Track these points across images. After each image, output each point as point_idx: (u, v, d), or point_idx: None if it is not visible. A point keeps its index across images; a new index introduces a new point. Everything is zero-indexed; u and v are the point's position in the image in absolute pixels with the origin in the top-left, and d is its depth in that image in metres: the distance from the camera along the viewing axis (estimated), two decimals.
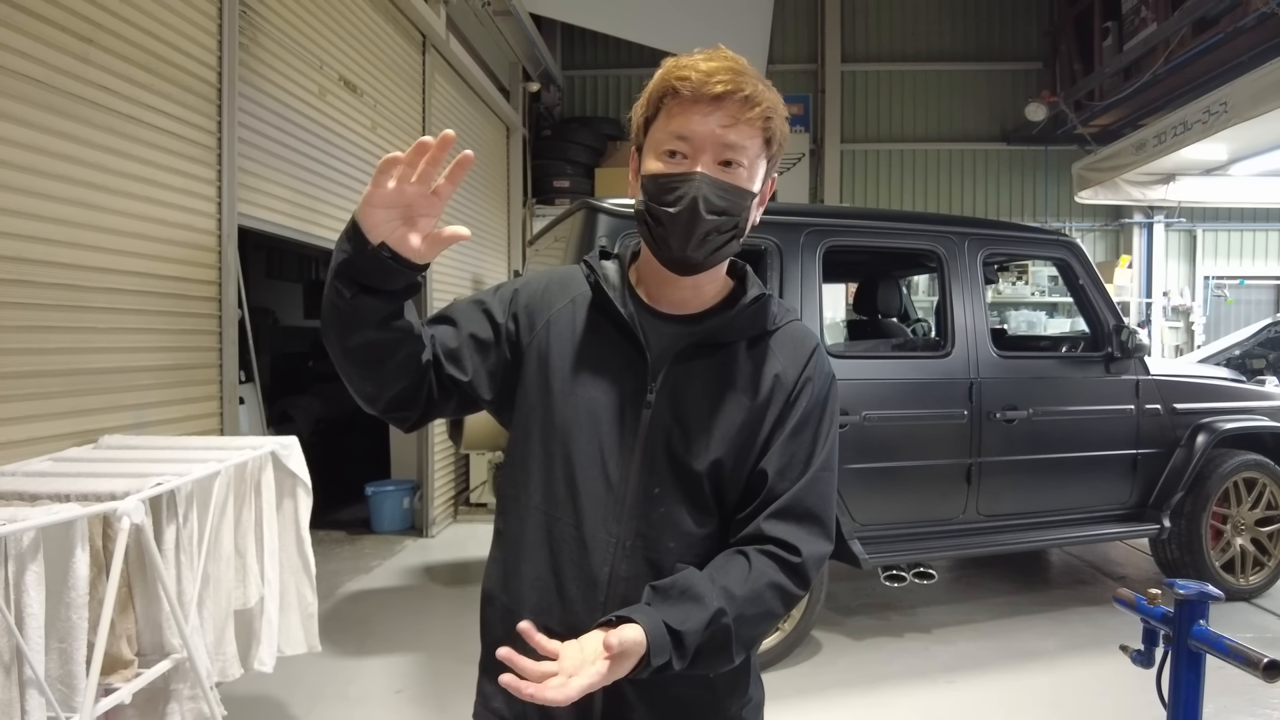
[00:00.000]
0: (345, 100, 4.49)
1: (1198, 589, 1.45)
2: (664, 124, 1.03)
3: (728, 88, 0.99)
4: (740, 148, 1.02)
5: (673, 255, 1.04)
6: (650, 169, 1.04)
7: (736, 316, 1.08)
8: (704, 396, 1.07)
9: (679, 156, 1.02)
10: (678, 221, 1.01)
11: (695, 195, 1.00)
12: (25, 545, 1.55)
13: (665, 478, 1.05)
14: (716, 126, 1.00)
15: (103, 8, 2.66)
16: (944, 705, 3.14)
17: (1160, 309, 9.30)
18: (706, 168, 1.01)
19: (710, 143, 1.01)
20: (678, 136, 1.01)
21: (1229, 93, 5.66)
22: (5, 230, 2.31)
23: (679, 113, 1.01)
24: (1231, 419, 4.15)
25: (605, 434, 1.06)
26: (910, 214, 6.59)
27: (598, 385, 1.07)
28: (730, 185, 1.02)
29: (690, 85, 0.99)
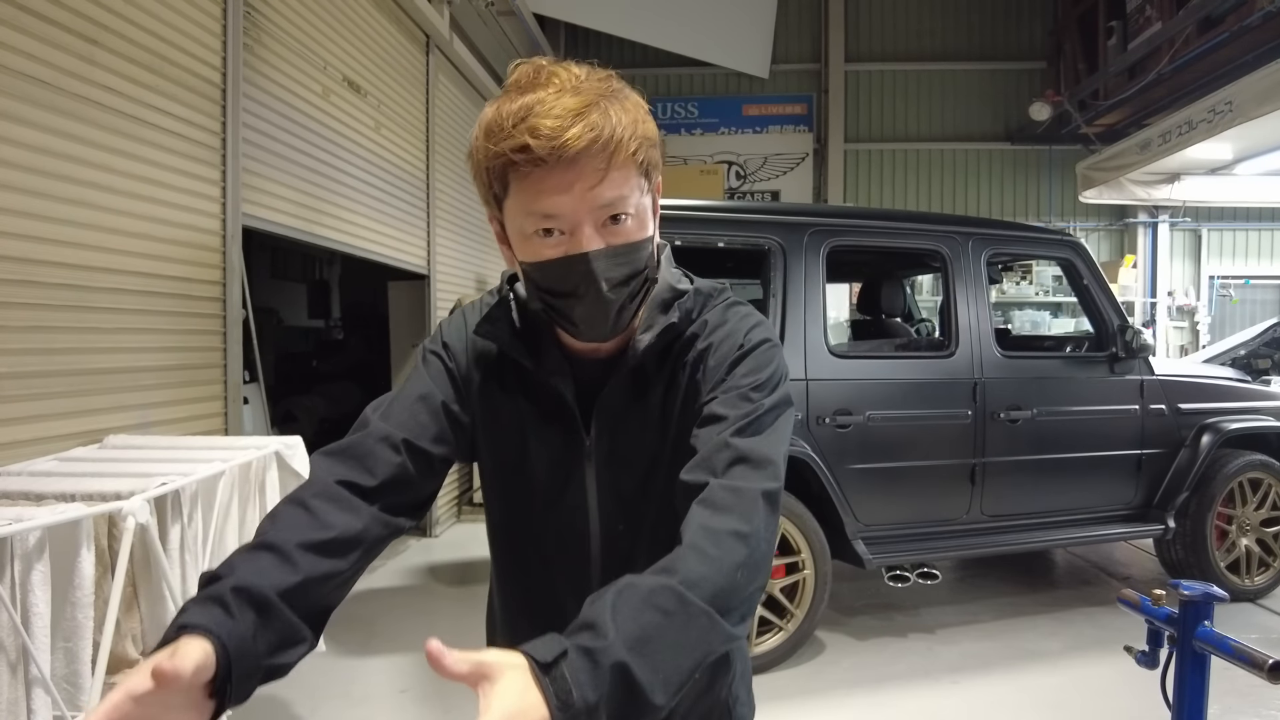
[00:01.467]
0: (349, 101, 4.50)
1: (1202, 590, 1.45)
2: (520, 203, 0.85)
3: (584, 141, 0.80)
4: (620, 200, 0.85)
5: (593, 336, 0.92)
6: (527, 255, 0.89)
7: (654, 340, 0.94)
8: (642, 425, 0.97)
9: (556, 234, 0.85)
10: (582, 310, 0.88)
11: (592, 278, 0.85)
12: (31, 545, 1.56)
13: (624, 516, 0.99)
14: (584, 190, 0.83)
15: (107, 9, 2.67)
16: (948, 706, 3.14)
17: (1165, 309, 9.28)
18: (593, 239, 0.85)
19: (585, 210, 0.84)
20: (544, 215, 0.84)
21: (1234, 92, 5.64)
22: (10, 231, 2.31)
23: (534, 189, 0.83)
24: (1237, 419, 4.13)
25: (556, 493, 0.99)
26: (914, 214, 6.58)
27: (533, 449, 0.99)
28: (624, 246, 0.87)
29: (534, 156, 0.80)
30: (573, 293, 0.87)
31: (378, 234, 4.86)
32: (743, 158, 9.70)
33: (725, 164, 9.59)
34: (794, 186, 9.61)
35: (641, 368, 0.96)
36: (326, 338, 9.41)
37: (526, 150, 0.80)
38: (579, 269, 0.85)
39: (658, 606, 0.69)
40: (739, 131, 9.70)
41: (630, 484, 0.98)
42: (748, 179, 9.69)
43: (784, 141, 9.67)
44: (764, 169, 9.67)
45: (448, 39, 5.90)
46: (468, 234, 6.66)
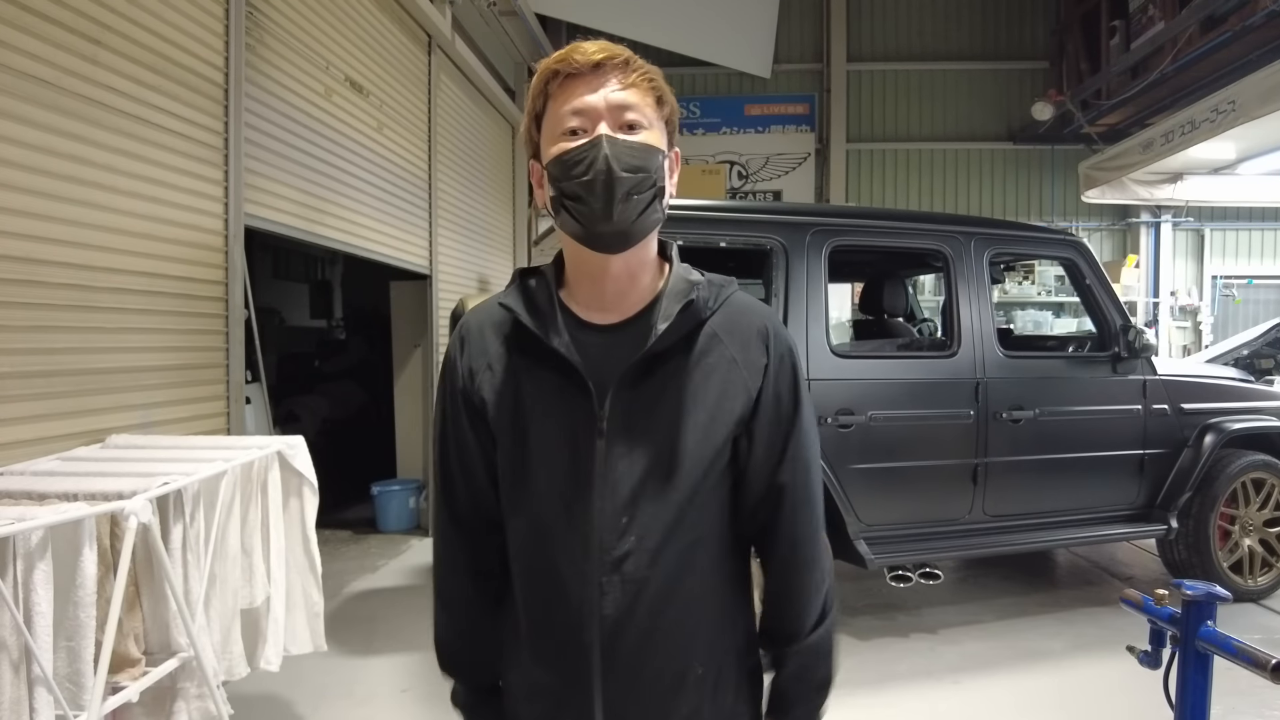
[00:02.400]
0: (351, 101, 4.50)
1: (1205, 590, 1.45)
2: (554, 108, 1.01)
3: (606, 54, 0.99)
4: (636, 106, 1.00)
5: (602, 228, 0.98)
6: (554, 153, 1.00)
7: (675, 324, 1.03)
8: (657, 410, 1.02)
9: (579, 133, 0.99)
10: (595, 188, 0.96)
11: (606, 155, 0.96)
12: (34, 544, 1.56)
13: (629, 505, 1.01)
14: (607, 92, 0.99)
15: (110, 9, 2.67)
16: (950, 706, 3.13)
17: (1168, 309, 9.27)
18: (611, 130, 0.99)
19: (606, 108, 0.99)
20: (572, 112, 0.99)
21: (1237, 91, 5.63)
22: (13, 231, 2.32)
23: (566, 90, 1.00)
24: (1240, 419, 4.13)
25: (562, 475, 1.02)
26: (916, 214, 6.57)
27: (547, 425, 1.03)
28: (638, 143, 0.99)
29: (569, 64, 0.99)
30: (587, 170, 0.97)
31: (380, 234, 4.86)
32: (745, 157, 9.70)
33: (727, 164, 9.59)
34: (796, 186, 9.60)
35: (662, 352, 1.03)
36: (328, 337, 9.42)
37: (565, 60, 0.99)
38: (595, 149, 0.97)
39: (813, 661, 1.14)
40: (741, 131, 9.70)
41: (641, 470, 1.01)
42: (750, 179, 9.69)
43: (786, 141, 9.67)
44: (766, 169, 9.67)
45: (450, 39, 5.90)
46: (469, 234, 6.66)
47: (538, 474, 1.03)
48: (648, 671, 1.03)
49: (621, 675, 1.02)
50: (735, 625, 1.11)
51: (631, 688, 1.03)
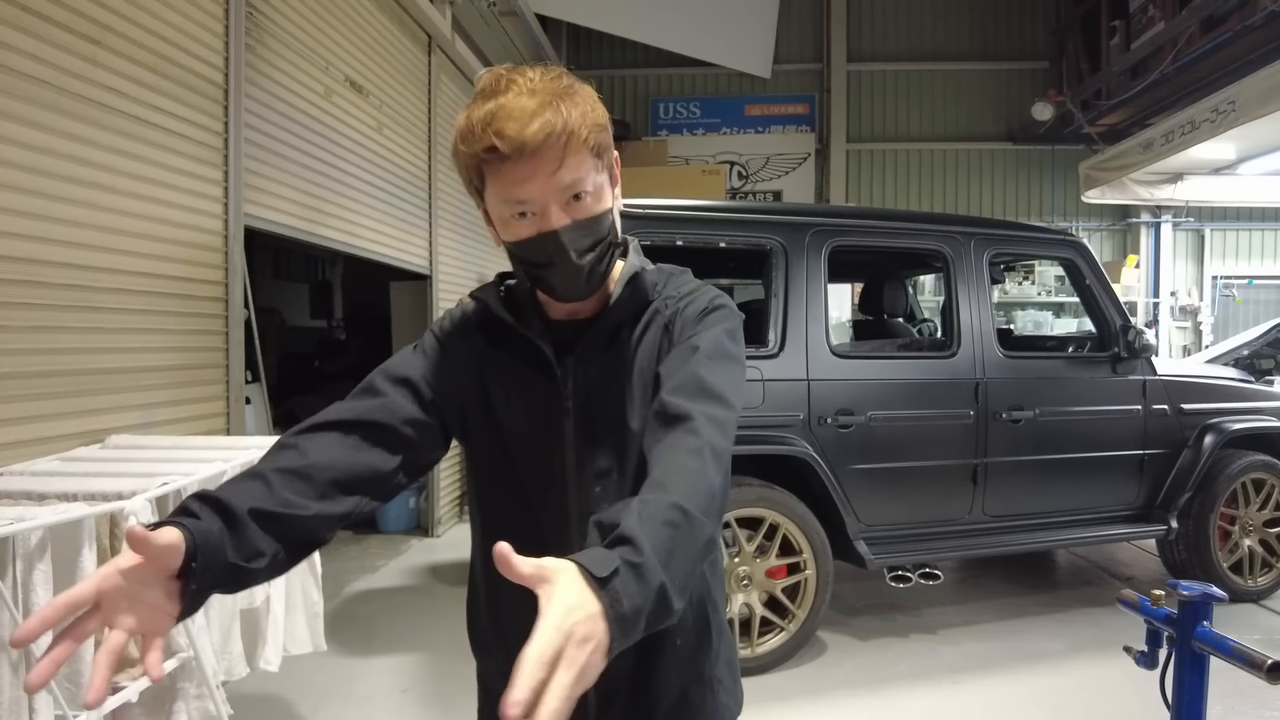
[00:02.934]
0: (351, 101, 4.51)
1: (1201, 590, 1.45)
2: (496, 193, 1.00)
3: (541, 136, 0.93)
4: (578, 180, 0.99)
5: (568, 296, 1.06)
6: (508, 236, 1.03)
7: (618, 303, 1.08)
8: (612, 384, 1.08)
9: (529, 215, 1.00)
10: (557, 275, 1.03)
11: (562, 249, 1.00)
12: (33, 544, 1.56)
13: (599, 475, 1.07)
14: (546, 176, 0.96)
15: (110, 9, 2.68)
16: (950, 706, 3.13)
17: (1168, 309, 9.27)
18: (559, 215, 0.99)
19: (550, 193, 0.98)
20: (517, 201, 0.98)
21: (1237, 91, 5.63)
22: (13, 231, 2.32)
23: (503, 177, 0.97)
24: (1240, 419, 4.13)
25: (538, 449, 1.08)
26: (916, 214, 6.58)
27: (518, 409, 1.09)
28: (586, 220, 1.01)
29: (500, 153, 0.94)
30: (548, 263, 1.02)
31: (380, 234, 4.86)
32: (745, 158, 9.70)
33: (727, 164, 9.59)
34: (796, 187, 9.60)
35: (615, 328, 1.09)
36: (328, 338, 9.43)
37: (494, 150, 0.94)
38: (551, 243, 1.00)
39: (670, 522, 0.79)
40: (741, 132, 9.70)
41: (605, 436, 1.07)
42: (750, 179, 9.69)
43: (786, 141, 9.67)
44: (766, 169, 9.67)
45: (450, 39, 5.90)
46: (470, 234, 6.66)
47: (515, 456, 1.09)
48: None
49: None
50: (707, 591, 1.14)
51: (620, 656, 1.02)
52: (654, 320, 1.10)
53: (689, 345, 1.04)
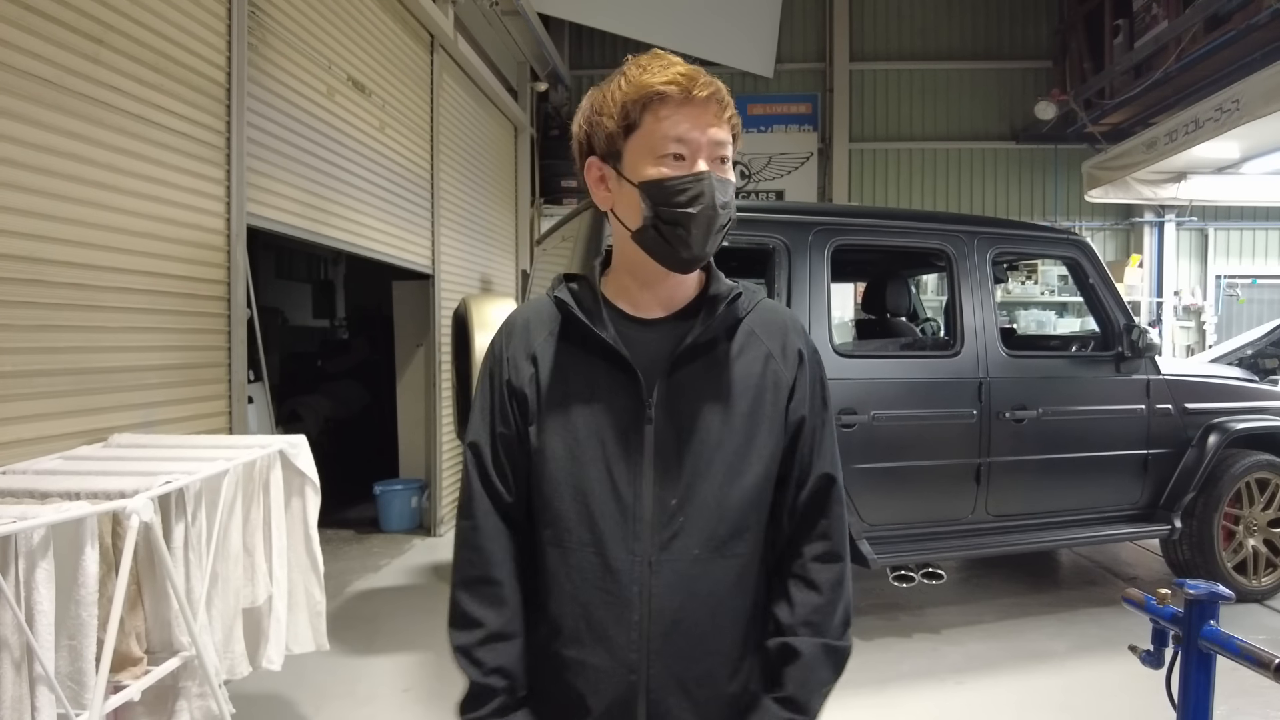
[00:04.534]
0: (354, 100, 4.50)
1: (1208, 589, 1.44)
2: (656, 128, 1.04)
3: (710, 90, 1.04)
4: (727, 144, 1.07)
5: (690, 255, 1.06)
6: (651, 175, 1.05)
7: (719, 316, 1.10)
8: (701, 399, 1.08)
9: (680, 159, 1.04)
10: (698, 221, 1.03)
11: (711, 192, 1.03)
12: (36, 543, 1.56)
13: (679, 488, 1.06)
14: (708, 127, 1.04)
15: (113, 8, 2.68)
16: (953, 706, 3.13)
17: (1171, 308, 9.24)
18: (708, 166, 1.05)
19: (706, 143, 1.04)
20: (677, 139, 1.03)
21: (1241, 90, 5.61)
22: (17, 230, 2.32)
23: (673, 115, 1.03)
24: (1244, 419, 4.11)
25: (611, 458, 1.06)
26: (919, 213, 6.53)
27: (595, 411, 1.08)
28: (729, 181, 1.07)
29: (678, 90, 1.02)
30: (692, 203, 1.03)
31: (382, 234, 4.86)
32: (747, 157, 9.68)
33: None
34: (799, 186, 9.58)
35: (707, 343, 1.10)
36: (331, 337, 9.43)
37: (674, 83, 1.02)
38: (701, 183, 1.04)
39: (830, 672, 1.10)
40: (744, 131, 9.66)
41: (688, 454, 1.06)
42: (752, 178, 9.67)
43: (789, 141, 9.65)
44: (769, 168, 9.65)
45: (452, 38, 5.90)
46: (472, 234, 6.66)
47: (588, 461, 1.07)
48: (694, 654, 1.06)
49: (668, 655, 1.05)
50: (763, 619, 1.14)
51: (677, 667, 1.06)
52: (751, 344, 1.13)
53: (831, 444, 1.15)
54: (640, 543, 1.04)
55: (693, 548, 1.05)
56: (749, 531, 1.09)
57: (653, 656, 1.04)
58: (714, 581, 1.06)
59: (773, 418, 1.10)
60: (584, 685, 1.06)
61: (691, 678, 1.06)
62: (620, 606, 1.04)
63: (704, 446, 1.06)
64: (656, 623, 1.04)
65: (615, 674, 1.04)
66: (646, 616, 1.04)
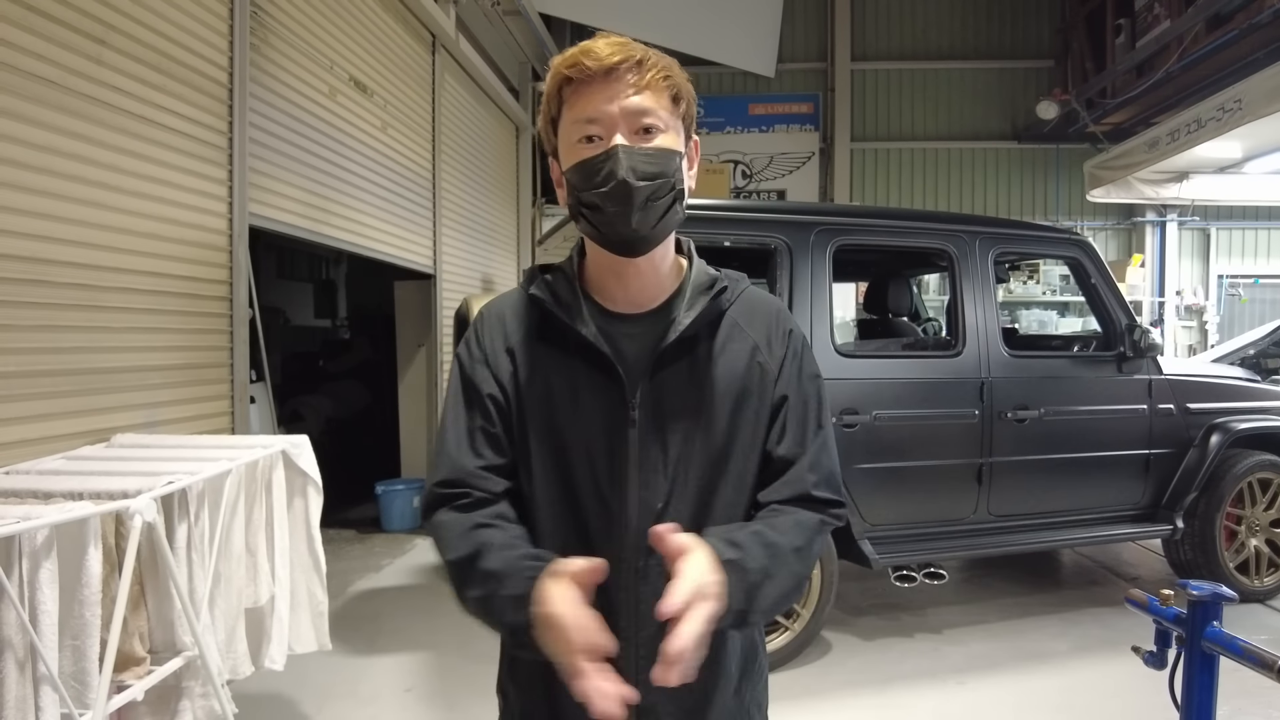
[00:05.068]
0: (355, 100, 4.51)
1: (1211, 590, 1.44)
2: (569, 114, 1.01)
3: (619, 57, 0.97)
4: (651, 110, 0.99)
5: (621, 236, 1.00)
6: (570, 160, 1.01)
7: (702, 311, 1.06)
8: (685, 399, 1.04)
9: (595, 140, 0.99)
10: (612, 198, 0.97)
11: (622, 166, 0.97)
12: (39, 543, 1.56)
13: (664, 492, 1.03)
14: (621, 98, 0.98)
15: (115, 9, 2.68)
16: (954, 706, 3.13)
17: (1173, 308, 9.24)
18: (626, 140, 0.98)
19: (621, 115, 0.98)
20: (586, 120, 0.99)
21: (1243, 90, 5.60)
22: (20, 230, 2.32)
23: (580, 97, 0.99)
24: (1246, 419, 4.11)
25: (597, 462, 1.03)
26: (921, 213, 6.55)
27: (578, 414, 1.04)
28: (654, 149, 0.99)
29: (582, 68, 0.98)
30: (604, 182, 0.97)
31: (384, 234, 4.87)
32: (749, 157, 9.69)
33: (731, 163, 9.58)
34: (800, 185, 9.59)
35: (690, 339, 1.05)
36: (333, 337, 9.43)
37: (577, 65, 0.98)
38: (609, 158, 0.97)
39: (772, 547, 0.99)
40: (745, 131, 9.69)
41: (674, 455, 1.04)
42: (754, 178, 9.68)
43: (790, 140, 9.65)
44: (770, 168, 9.66)
45: (454, 39, 5.91)
46: (474, 234, 6.66)
47: (574, 464, 1.04)
48: None
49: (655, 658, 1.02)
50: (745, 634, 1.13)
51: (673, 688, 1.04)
52: (735, 337, 1.08)
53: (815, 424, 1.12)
54: (626, 550, 1.02)
55: None
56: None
57: (641, 662, 1.02)
58: None
59: (758, 412, 1.08)
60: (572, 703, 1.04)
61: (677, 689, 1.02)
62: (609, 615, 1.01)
63: (689, 448, 1.04)
64: (644, 628, 1.02)
65: None
66: (634, 623, 1.02)
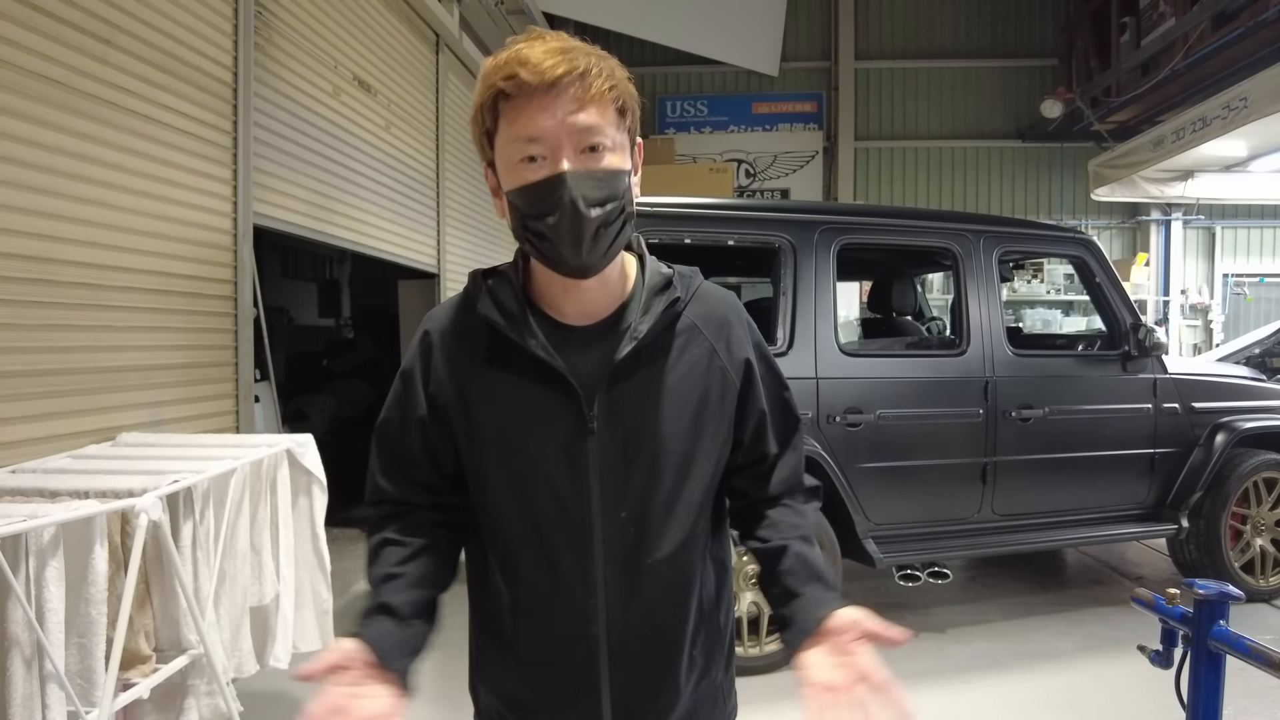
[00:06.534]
0: (359, 100, 4.51)
1: (1218, 589, 1.44)
2: (507, 131, 0.93)
3: (561, 69, 0.89)
4: (598, 128, 0.92)
5: (570, 266, 0.95)
6: (513, 183, 0.94)
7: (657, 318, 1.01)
8: (645, 406, 1.01)
9: (538, 160, 0.92)
10: (561, 230, 0.91)
11: (571, 196, 0.90)
12: (45, 541, 1.57)
13: (628, 500, 1.01)
14: (565, 115, 0.90)
15: (120, 9, 2.68)
16: (958, 705, 3.12)
17: (1178, 307, 9.22)
18: (571, 162, 0.91)
19: (565, 134, 0.91)
20: (528, 139, 0.91)
21: (1249, 88, 5.59)
22: (25, 230, 2.33)
23: (519, 113, 0.91)
24: (1251, 418, 4.10)
25: (557, 476, 1.00)
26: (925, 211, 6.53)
27: (533, 430, 1.00)
28: (603, 171, 0.93)
29: (521, 81, 0.89)
30: (551, 211, 0.91)
31: (388, 233, 4.87)
32: (752, 156, 9.68)
33: (735, 162, 9.57)
34: (804, 184, 9.58)
35: (646, 347, 1.00)
36: (337, 336, 9.44)
37: (514, 78, 0.89)
38: (558, 186, 0.91)
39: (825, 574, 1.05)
40: (749, 129, 9.68)
41: (635, 464, 1.01)
42: (757, 177, 9.67)
43: (794, 139, 9.65)
44: (774, 167, 9.65)
45: (457, 38, 5.91)
46: (478, 233, 6.67)
47: (533, 482, 1.00)
48: (653, 657, 1.04)
49: (627, 666, 1.03)
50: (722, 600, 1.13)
51: (637, 676, 1.04)
52: (693, 341, 1.04)
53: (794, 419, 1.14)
54: (593, 561, 1.00)
55: (645, 557, 1.02)
56: (698, 533, 1.07)
57: (613, 669, 1.02)
58: (666, 587, 1.04)
59: (718, 418, 1.05)
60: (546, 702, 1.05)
61: (650, 685, 1.04)
62: (578, 622, 1.01)
63: (651, 455, 1.00)
64: (614, 634, 1.02)
65: (578, 691, 1.03)
66: (603, 631, 1.01)
